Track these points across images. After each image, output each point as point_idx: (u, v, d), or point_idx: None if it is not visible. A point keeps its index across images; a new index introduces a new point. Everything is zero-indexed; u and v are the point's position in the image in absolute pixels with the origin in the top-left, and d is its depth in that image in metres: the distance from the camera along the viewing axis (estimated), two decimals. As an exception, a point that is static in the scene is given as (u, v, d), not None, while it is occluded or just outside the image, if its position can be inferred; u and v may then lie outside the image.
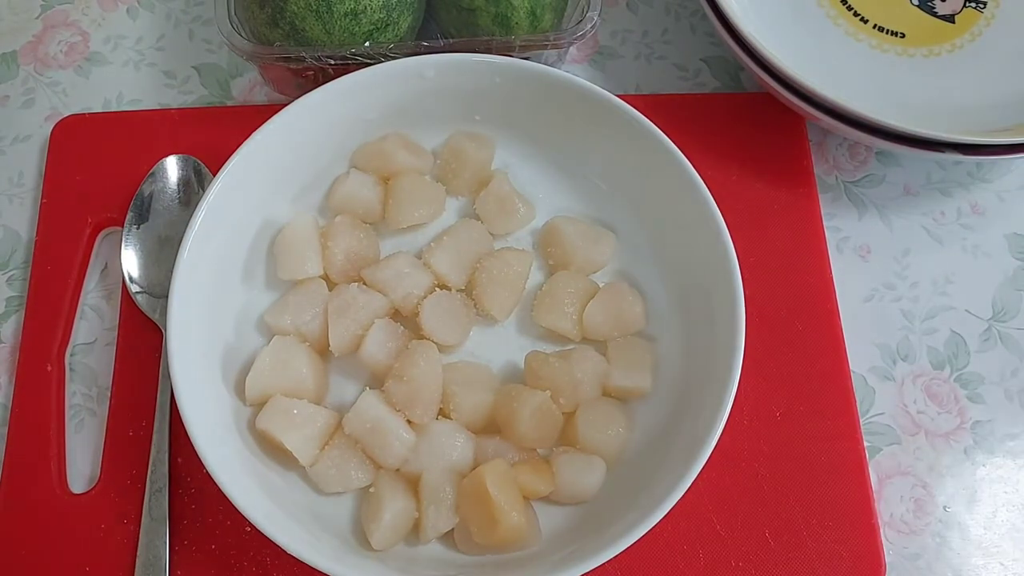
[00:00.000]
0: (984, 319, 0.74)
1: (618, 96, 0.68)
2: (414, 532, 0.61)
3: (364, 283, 0.67)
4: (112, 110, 0.79)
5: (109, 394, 0.68)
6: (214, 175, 0.65)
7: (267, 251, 0.69)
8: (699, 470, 0.58)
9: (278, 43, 0.71)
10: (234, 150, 0.65)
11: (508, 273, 0.68)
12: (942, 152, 0.70)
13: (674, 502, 0.57)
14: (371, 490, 0.62)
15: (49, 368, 0.68)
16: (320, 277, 0.68)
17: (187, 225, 0.63)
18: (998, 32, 0.80)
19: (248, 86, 0.80)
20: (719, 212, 0.65)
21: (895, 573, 0.66)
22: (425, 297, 0.67)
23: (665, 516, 0.57)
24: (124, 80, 0.80)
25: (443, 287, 0.68)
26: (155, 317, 0.68)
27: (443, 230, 0.71)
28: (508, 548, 0.60)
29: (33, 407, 0.67)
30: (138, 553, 0.62)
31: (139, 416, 0.66)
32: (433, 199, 0.71)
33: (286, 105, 0.67)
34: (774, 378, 0.69)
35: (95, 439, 0.67)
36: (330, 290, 0.67)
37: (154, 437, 0.65)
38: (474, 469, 0.61)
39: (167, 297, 0.61)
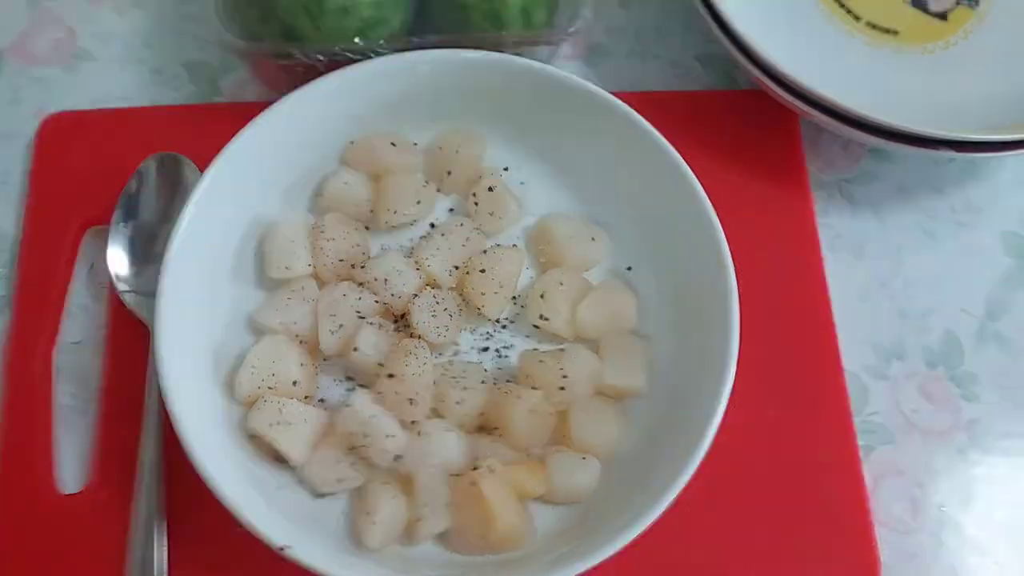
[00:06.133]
0: (978, 317, 0.73)
1: (611, 93, 0.68)
2: (408, 532, 0.61)
3: (354, 282, 0.67)
4: (100, 107, 0.78)
5: (98, 394, 0.67)
6: (202, 172, 0.64)
7: (256, 249, 0.69)
8: (694, 469, 0.57)
9: (268, 40, 0.70)
10: (223, 147, 0.64)
11: (500, 271, 0.67)
12: (936, 149, 0.70)
13: (668, 502, 0.57)
14: (364, 490, 0.61)
15: (37, 368, 0.67)
16: (310, 276, 0.67)
17: (175, 223, 0.62)
18: (991, 29, 0.80)
19: (237, 83, 0.80)
20: (713, 209, 0.64)
21: (891, 572, 0.65)
22: (416, 296, 0.66)
23: (659, 516, 0.56)
24: (112, 77, 0.80)
25: (434, 286, 0.67)
26: (143, 316, 0.67)
27: (434, 228, 0.70)
28: (502, 548, 0.60)
29: (21, 407, 0.66)
30: (128, 554, 0.61)
31: (129, 416, 0.65)
32: (424, 197, 0.70)
33: (275, 102, 0.66)
34: (768, 377, 0.69)
35: (85, 439, 0.66)
36: (320, 289, 0.67)
37: (144, 437, 0.64)
38: (467, 469, 0.60)
39: (155, 296, 0.61)
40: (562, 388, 0.63)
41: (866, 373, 0.71)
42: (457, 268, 0.68)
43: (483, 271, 0.67)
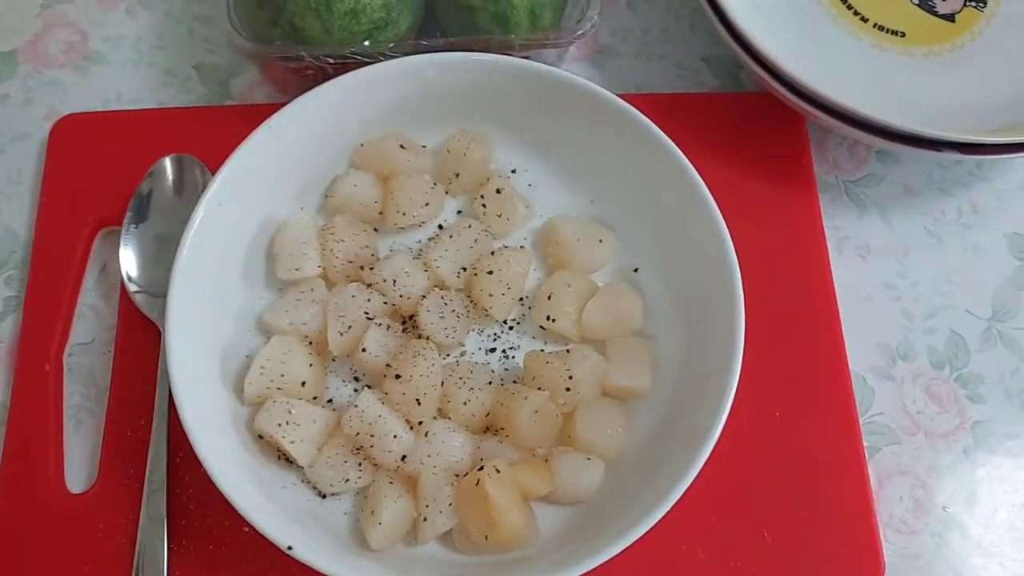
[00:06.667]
0: (984, 319, 0.74)
1: (618, 95, 0.68)
2: (412, 532, 0.61)
3: (363, 283, 0.67)
4: (111, 109, 0.79)
5: (107, 394, 0.68)
6: (213, 174, 0.65)
7: (266, 250, 0.69)
8: (698, 470, 0.58)
9: (278, 42, 0.71)
10: (233, 149, 0.65)
11: (507, 273, 0.68)
12: (942, 151, 0.70)
13: (673, 502, 0.57)
14: (369, 490, 0.62)
15: (47, 368, 0.68)
16: (319, 277, 0.68)
17: (186, 224, 0.63)
18: (998, 31, 0.80)
19: (248, 85, 0.80)
20: (719, 211, 0.65)
21: (894, 573, 0.65)
22: (424, 297, 0.67)
23: (664, 516, 0.57)
24: (123, 79, 0.80)
25: (442, 287, 0.68)
26: (154, 317, 0.68)
27: (442, 230, 0.71)
28: (506, 548, 0.60)
29: (31, 407, 0.67)
30: (136, 553, 0.62)
31: (137, 416, 0.66)
32: (432, 198, 0.71)
33: (285, 104, 0.67)
34: (773, 378, 0.69)
35: (93, 439, 0.67)
36: (329, 290, 0.67)
37: (152, 437, 0.64)
38: (473, 469, 0.61)
39: (166, 296, 0.61)
40: (568, 389, 0.64)
41: (872, 374, 0.71)
42: (465, 269, 0.68)
43: (491, 272, 0.67)
